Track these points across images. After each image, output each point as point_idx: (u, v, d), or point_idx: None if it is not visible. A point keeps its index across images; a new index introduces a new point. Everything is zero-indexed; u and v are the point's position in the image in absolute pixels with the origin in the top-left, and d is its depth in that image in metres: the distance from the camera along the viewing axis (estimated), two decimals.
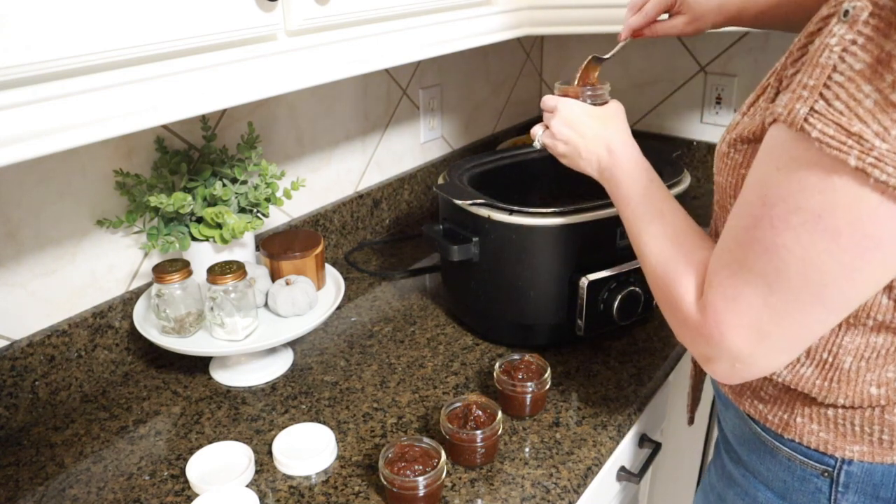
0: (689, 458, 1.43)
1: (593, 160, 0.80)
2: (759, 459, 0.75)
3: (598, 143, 0.79)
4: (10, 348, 0.91)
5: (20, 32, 0.53)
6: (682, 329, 0.64)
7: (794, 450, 0.70)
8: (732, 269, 0.57)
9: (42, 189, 0.92)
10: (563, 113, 0.83)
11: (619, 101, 0.85)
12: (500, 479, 0.83)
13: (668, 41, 1.70)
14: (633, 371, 1.03)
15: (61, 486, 0.84)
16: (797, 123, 0.49)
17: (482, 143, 1.76)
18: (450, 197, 1.02)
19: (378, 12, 0.87)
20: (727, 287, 0.57)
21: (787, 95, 0.51)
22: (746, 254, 0.55)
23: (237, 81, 0.72)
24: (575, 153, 0.82)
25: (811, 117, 0.49)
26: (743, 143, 0.64)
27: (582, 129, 0.81)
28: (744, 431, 0.76)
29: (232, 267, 0.93)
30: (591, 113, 0.82)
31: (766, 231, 0.53)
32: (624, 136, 0.79)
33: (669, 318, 0.66)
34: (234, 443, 0.87)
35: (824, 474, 0.69)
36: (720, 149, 0.69)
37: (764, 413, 0.72)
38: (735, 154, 0.66)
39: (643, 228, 0.71)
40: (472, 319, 1.14)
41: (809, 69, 0.50)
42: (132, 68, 0.63)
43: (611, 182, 0.78)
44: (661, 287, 0.67)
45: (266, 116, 1.19)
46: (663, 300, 0.67)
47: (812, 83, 0.49)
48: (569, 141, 0.82)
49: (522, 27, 1.19)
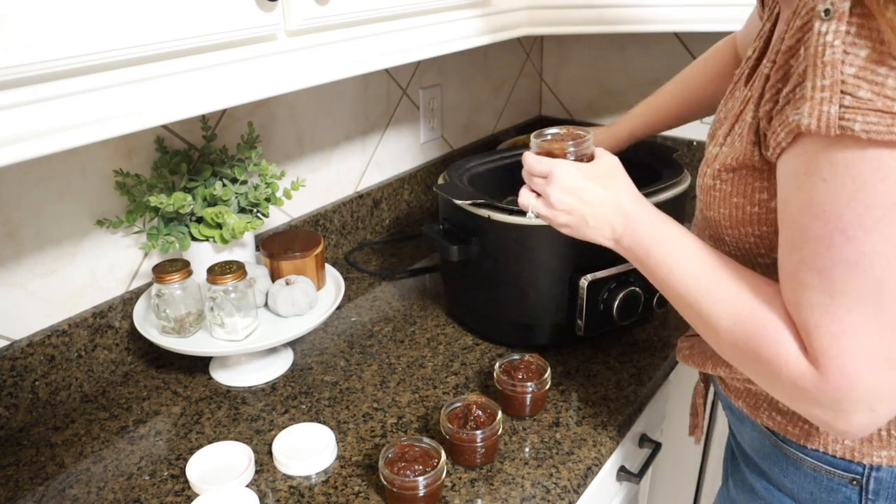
0: (689, 458, 1.43)
1: (604, 228, 0.70)
2: (782, 472, 0.73)
3: (608, 208, 0.70)
4: (10, 348, 0.91)
5: (20, 32, 0.53)
6: (795, 393, 0.56)
7: (820, 460, 0.68)
8: (825, 304, 0.52)
9: (42, 189, 0.92)
10: (561, 180, 0.71)
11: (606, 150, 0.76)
12: (500, 479, 0.83)
13: (668, 41, 1.70)
14: (633, 371, 1.03)
15: (61, 486, 0.84)
16: (833, 126, 0.48)
17: (482, 143, 1.76)
18: (450, 197, 1.02)
19: (378, 12, 0.87)
20: (831, 325, 0.52)
21: (804, 106, 0.50)
22: (833, 281, 0.51)
23: (237, 81, 0.72)
24: (581, 223, 0.71)
25: (846, 114, 0.48)
26: (728, 171, 0.63)
27: (586, 195, 0.70)
28: (763, 444, 0.75)
29: (232, 267, 0.93)
30: (591, 174, 0.72)
31: (845, 246, 0.50)
32: (633, 194, 0.71)
33: (772, 387, 0.59)
34: (234, 443, 0.87)
35: (853, 482, 0.67)
36: (704, 183, 0.67)
37: (784, 424, 0.70)
38: (722, 185, 0.65)
39: (700, 293, 0.62)
40: (472, 319, 1.14)
41: (817, 72, 0.49)
42: (132, 68, 0.63)
43: (634, 250, 0.69)
44: (750, 353, 0.58)
45: (266, 116, 1.19)
46: (757, 367, 0.59)
47: (828, 83, 0.49)
48: (572, 210, 0.71)
49: (522, 27, 1.19)
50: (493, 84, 1.77)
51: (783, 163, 0.55)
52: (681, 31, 1.32)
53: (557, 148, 0.75)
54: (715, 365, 0.75)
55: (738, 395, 0.76)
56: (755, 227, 0.64)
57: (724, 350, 0.62)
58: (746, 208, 0.63)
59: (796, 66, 0.53)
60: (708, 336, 0.64)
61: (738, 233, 0.65)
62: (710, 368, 0.77)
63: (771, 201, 0.61)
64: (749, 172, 0.62)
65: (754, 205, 0.63)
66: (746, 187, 0.63)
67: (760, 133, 0.59)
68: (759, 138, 0.59)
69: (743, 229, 0.65)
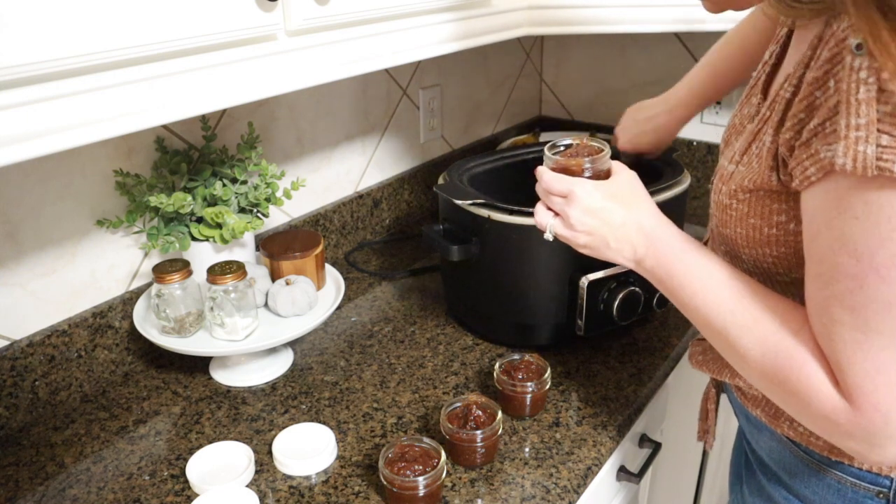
0: (689, 458, 1.43)
1: (626, 249, 0.69)
2: (803, 483, 0.71)
3: (630, 229, 0.68)
4: (10, 348, 0.91)
5: (20, 32, 0.53)
6: (827, 425, 0.55)
7: (845, 472, 0.67)
8: (859, 341, 0.52)
9: (42, 189, 0.92)
10: (582, 201, 0.69)
11: (623, 166, 0.74)
12: (500, 479, 0.83)
13: (668, 41, 1.70)
14: (633, 371, 1.03)
15: (61, 486, 0.84)
16: (870, 168, 0.47)
17: (482, 143, 1.76)
18: (450, 197, 1.02)
19: (378, 12, 0.86)
20: (864, 362, 0.52)
21: (839, 145, 0.49)
22: (867, 319, 0.51)
23: (237, 81, 0.72)
24: (602, 244, 0.70)
25: (884, 154, 0.47)
26: (745, 192, 0.62)
27: (606, 215, 0.69)
28: (783, 455, 0.73)
29: (232, 267, 0.93)
30: (612, 194, 0.70)
31: (879, 286, 0.49)
32: (654, 214, 0.69)
33: (803, 417, 0.58)
34: (234, 443, 0.87)
35: (879, 496, 0.65)
36: (720, 200, 0.66)
37: (807, 436, 0.68)
38: (738, 205, 0.64)
39: (726, 319, 0.61)
40: (472, 319, 1.14)
41: (851, 110, 0.48)
42: (132, 68, 0.63)
43: (657, 272, 0.68)
44: (780, 384, 0.58)
45: (266, 116, 1.19)
46: (787, 399, 0.58)
47: (863, 122, 0.47)
48: (593, 231, 0.70)
49: (522, 27, 1.19)
50: (493, 84, 1.77)
51: (811, 195, 0.54)
52: (681, 31, 1.32)
53: (574, 164, 0.72)
54: (734, 374, 0.74)
55: (757, 403, 0.74)
56: (773, 248, 0.63)
57: (753, 378, 0.61)
58: (764, 230, 0.62)
59: (823, 99, 0.52)
60: (736, 363, 0.62)
61: (756, 252, 0.64)
62: (727, 377, 0.75)
63: (790, 224, 0.60)
64: (766, 195, 0.61)
65: (772, 227, 0.62)
66: (764, 209, 0.62)
67: (779, 158, 0.58)
68: (778, 163, 0.58)
69: (760, 250, 0.64)
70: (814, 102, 0.53)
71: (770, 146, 0.59)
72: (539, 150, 1.23)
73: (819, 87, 0.52)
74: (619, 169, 0.73)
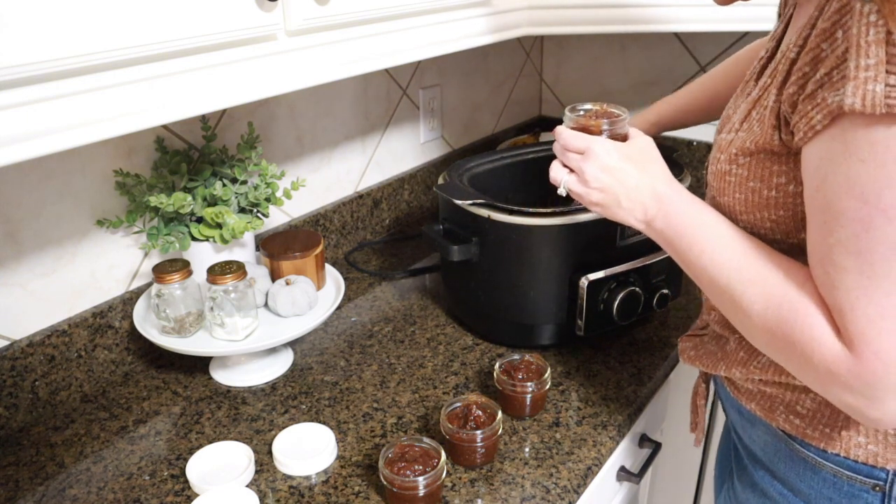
0: (689, 458, 1.43)
1: (637, 209, 0.71)
2: (798, 477, 0.71)
3: (642, 191, 0.70)
4: (10, 348, 0.91)
5: (20, 32, 0.53)
6: (828, 378, 0.55)
7: (840, 465, 0.67)
8: (863, 285, 0.51)
9: (42, 189, 0.92)
10: (600, 158, 0.71)
11: (642, 133, 0.76)
12: (500, 479, 0.83)
13: (668, 41, 1.70)
14: (633, 371, 1.03)
15: (61, 486, 0.84)
16: (879, 105, 0.48)
17: (482, 143, 1.76)
18: (450, 197, 1.02)
19: (378, 12, 0.87)
20: (868, 307, 0.51)
21: (848, 86, 0.49)
22: (873, 262, 0.50)
23: (237, 81, 0.72)
24: (614, 202, 0.72)
25: (893, 92, 0.47)
26: (745, 156, 0.63)
27: (621, 175, 0.71)
28: (777, 448, 0.73)
29: (232, 267, 0.93)
30: (628, 155, 0.72)
31: (886, 227, 0.49)
32: (668, 178, 0.71)
33: (804, 373, 0.58)
34: (234, 443, 0.87)
35: (875, 489, 0.65)
36: (719, 168, 0.67)
37: (802, 428, 0.69)
38: (738, 169, 0.64)
39: (731, 275, 0.62)
40: (472, 319, 1.14)
41: (860, 51, 0.49)
42: (132, 68, 0.63)
43: (666, 232, 0.69)
44: (782, 337, 0.58)
45: (266, 116, 1.19)
46: (789, 352, 0.58)
47: (873, 62, 0.48)
48: (606, 189, 0.71)
49: (522, 27, 1.19)
50: (493, 84, 1.77)
51: (815, 146, 0.54)
52: (681, 31, 1.32)
53: (594, 125, 0.75)
54: (729, 366, 0.74)
55: (751, 397, 0.74)
56: (772, 211, 0.63)
57: (756, 335, 0.62)
58: (763, 192, 0.63)
59: (830, 51, 0.52)
60: (740, 320, 0.63)
61: (753, 217, 0.65)
62: (722, 370, 0.75)
63: (789, 185, 0.61)
64: (767, 156, 0.62)
65: (772, 188, 0.62)
66: (764, 171, 0.62)
67: (782, 117, 0.59)
68: (780, 122, 0.59)
69: (759, 213, 0.64)
70: (819, 55, 0.54)
71: (773, 106, 0.60)
72: (539, 150, 1.24)
73: (826, 38, 0.53)
74: (636, 134, 0.75)
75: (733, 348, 0.74)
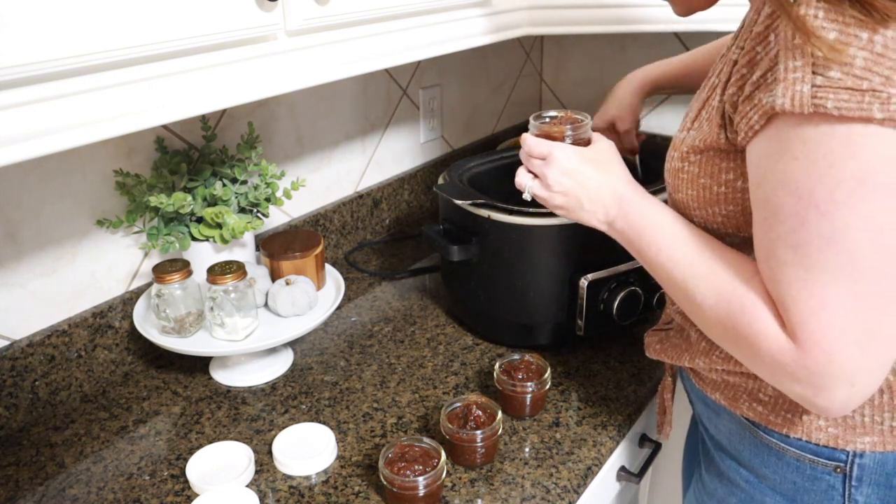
0: None
1: (598, 211, 0.74)
2: (763, 463, 0.73)
3: (603, 192, 0.73)
4: (10, 348, 0.91)
5: (20, 32, 0.53)
6: (776, 369, 0.57)
7: (803, 449, 0.69)
8: (802, 278, 0.53)
9: (42, 189, 0.92)
10: (560, 162, 0.74)
11: (602, 136, 0.79)
12: (500, 479, 0.83)
13: (668, 41, 1.69)
14: (633, 371, 1.03)
15: (61, 486, 0.84)
16: (806, 105, 0.50)
17: (482, 143, 1.76)
18: (450, 197, 1.02)
19: (378, 12, 0.87)
20: (808, 300, 0.53)
21: (778, 87, 0.52)
22: (810, 255, 0.52)
23: (237, 81, 0.72)
24: (576, 205, 0.75)
25: (819, 92, 0.49)
26: (696, 153, 0.65)
27: (582, 178, 0.74)
28: (743, 436, 0.75)
29: (232, 267, 0.93)
30: (589, 158, 0.75)
31: (819, 221, 0.51)
32: (627, 179, 0.74)
33: (753, 363, 0.60)
34: (234, 443, 0.87)
35: (837, 470, 0.67)
36: (672, 166, 0.70)
37: (765, 415, 0.70)
38: (689, 166, 0.67)
39: (686, 272, 0.65)
40: (472, 319, 1.14)
41: (789, 54, 0.51)
42: (132, 68, 0.63)
43: (627, 232, 0.72)
44: (732, 329, 0.60)
45: (266, 116, 1.19)
46: (739, 344, 0.60)
47: (800, 64, 0.50)
48: (568, 192, 0.74)
49: (522, 27, 1.19)
50: (493, 84, 1.77)
51: (755, 145, 0.56)
52: (681, 31, 1.32)
53: (556, 131, 0.77)
54: (692, 357, 0.76)
55: (716, 387, 0.76)
56: (722, 206, 0.65)
57: (709, 328, 0.64)
58: (713, 188, 0.65)
59: (764, 54, 0.55)
60: (695, 314, 0.65)
61: (706, 213, 0.67)
62: (686, 361, 0.77)
63: (737, 181, 0.63)
64: (715, 154, 0.64)
65: (721, 185, 0.64)
66: (713, 168, 0.64)
67: (726, 117, 0.61)
68: (725, 121, 0.61)
69: (710, 209, 0.66)
70: (755, 58, 0.56)
71: (718, 106, 0.62)
72: None
73: (760, 41, 0.55)
74: (598, 138, 0.78)
75: (695, 339, 0.75)
